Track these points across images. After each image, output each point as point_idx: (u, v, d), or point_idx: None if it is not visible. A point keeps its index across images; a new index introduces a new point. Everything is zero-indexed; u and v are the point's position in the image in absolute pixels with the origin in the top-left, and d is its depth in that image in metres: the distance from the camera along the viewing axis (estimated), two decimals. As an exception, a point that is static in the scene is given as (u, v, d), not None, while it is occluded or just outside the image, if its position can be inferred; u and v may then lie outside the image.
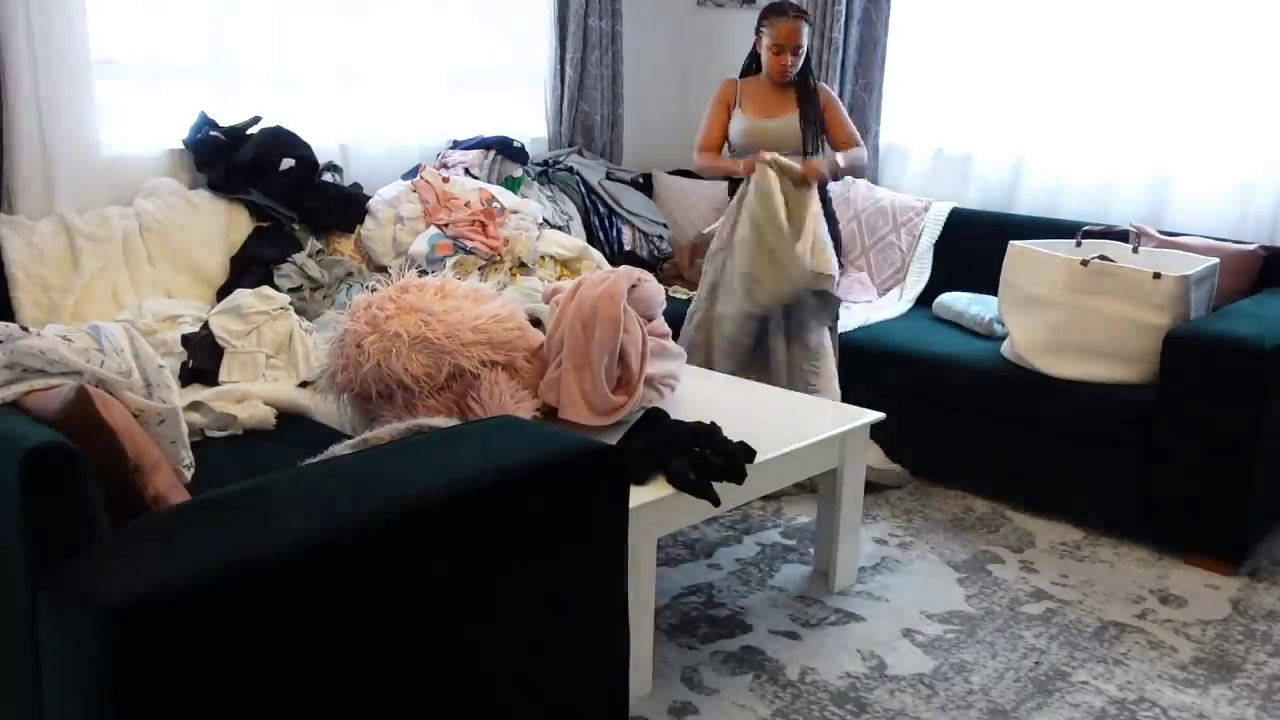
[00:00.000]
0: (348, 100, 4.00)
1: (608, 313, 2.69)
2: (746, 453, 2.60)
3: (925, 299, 4.18)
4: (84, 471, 1.45)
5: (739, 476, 2.53)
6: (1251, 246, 3.62)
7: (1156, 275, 3.20)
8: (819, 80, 3.93)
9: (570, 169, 4.43)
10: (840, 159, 3.74)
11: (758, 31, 3.75)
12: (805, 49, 3.70)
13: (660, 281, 4.39)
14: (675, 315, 4.00)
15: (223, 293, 3.34)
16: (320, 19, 3.89)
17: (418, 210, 3.80)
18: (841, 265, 3.83)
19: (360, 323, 2.58)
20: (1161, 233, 3.77)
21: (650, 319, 2.90)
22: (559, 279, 3.74)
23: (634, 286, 2.82)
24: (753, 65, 3.86)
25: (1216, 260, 3.40)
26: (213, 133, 3.58)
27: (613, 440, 2.55)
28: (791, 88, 3.77)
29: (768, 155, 3.48)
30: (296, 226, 3.61)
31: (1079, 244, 3.56)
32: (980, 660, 2.65)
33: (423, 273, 3.38)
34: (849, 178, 4.37)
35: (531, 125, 4.61)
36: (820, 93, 3.80)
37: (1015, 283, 3.47)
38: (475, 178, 4.07)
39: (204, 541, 1.43)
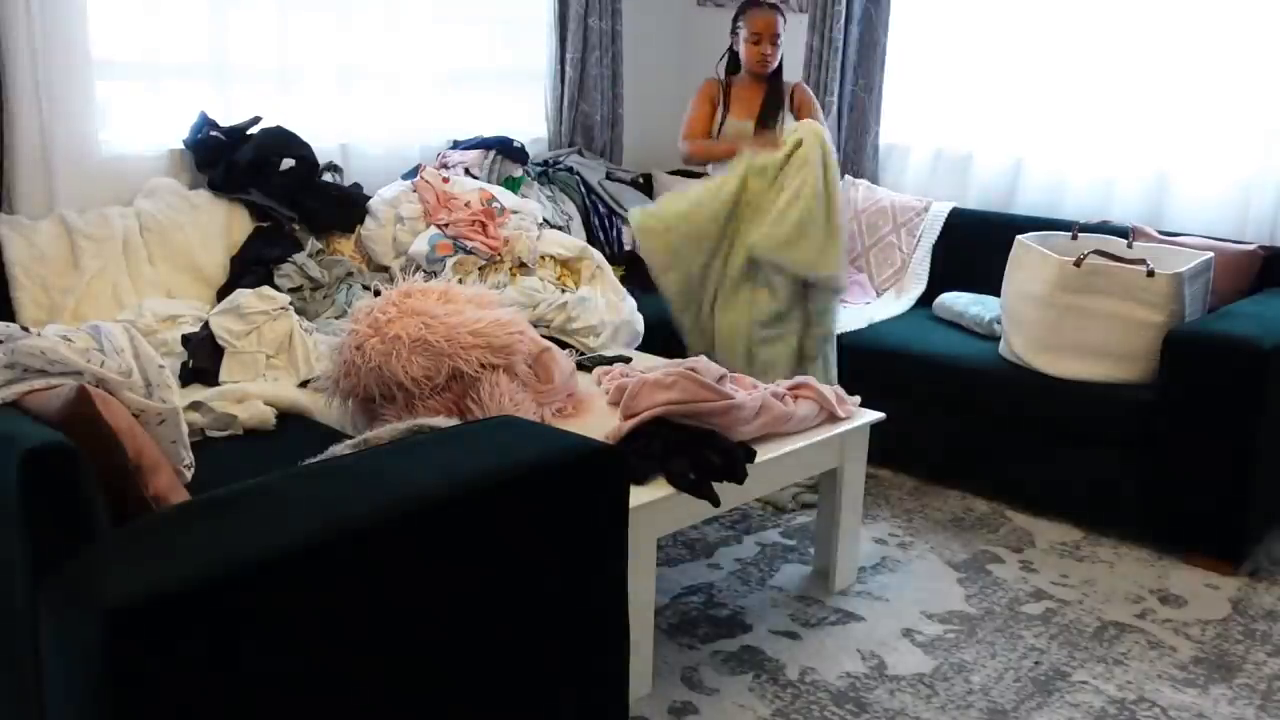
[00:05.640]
0: (348, 100, 4.00)
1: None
2: (746, 453, 2.60)
3: (925, 299, 4.18)
4: (84, 471, 1.45)
5: (739, 476, 2.53)
6: (1251, 246, 3.62)
7: (1150, 273, 3.19)
8: (801, 80, 3.89)
9: (570, 169, 4.44)
10: None
11: (734, 30, 3.75)
12: (782, 40, 3.70)
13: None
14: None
15: (223, 293, 3.34)
16: (320, 19, 3.89)
17: (418, 210, 3.80)
18: None
19: (363, 325, 2.59)
20: (1161, 233, 3.77)
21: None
22: (559, 279, 3.74)
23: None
24: (731, 66, 3.82)
25: (1210, 255, 3.40)
26: (213, 133, 3.58)
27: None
28: (765, 84, 3.75)
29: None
30: (296, 226, 3.61)
31: (1074, 238, 3.58)
32: (980, 660, 2.65)
33: (426, 274, 3.39)
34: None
35: (531, 125, 4.61)
36: (796, 92, 3.79)
37: (1016, 279, 3.47)
38: (475, 178, 4.07)
39: (204, 541, 1.43)
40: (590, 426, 2.57)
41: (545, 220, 4.05)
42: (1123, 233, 3.63)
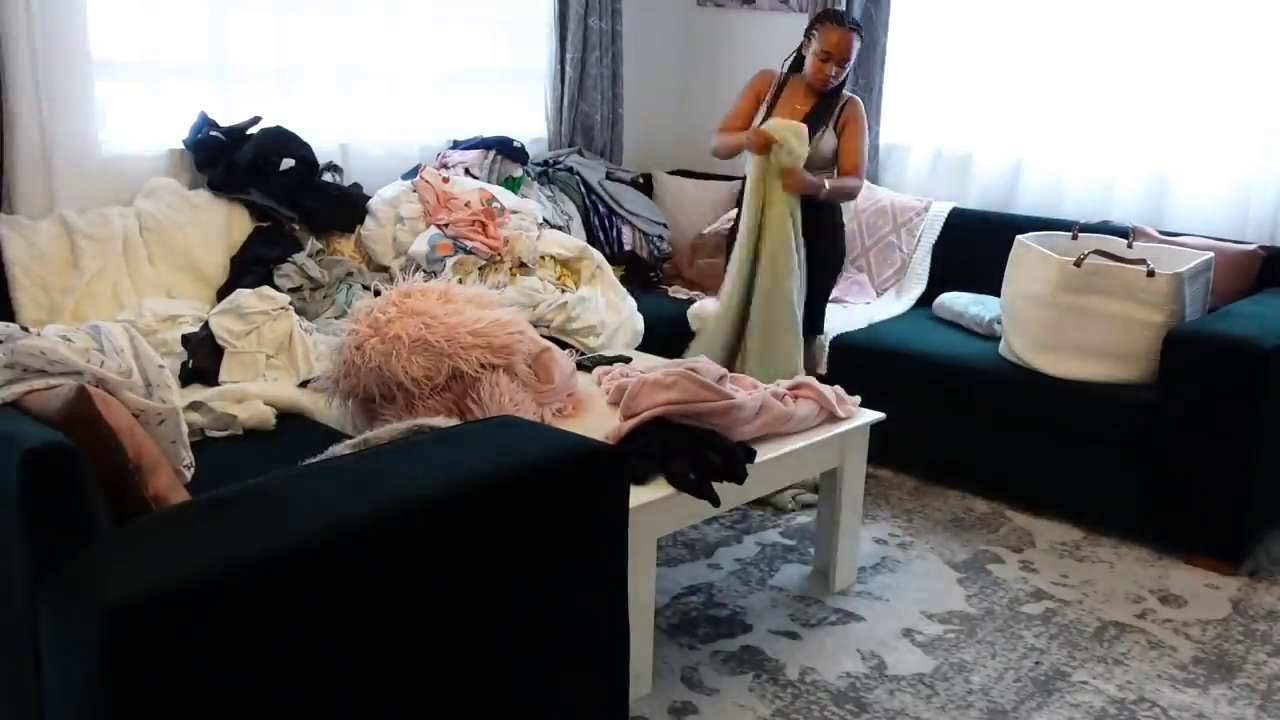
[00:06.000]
0: (348, 100, 4.00)
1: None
2: (746, 453, 2.60)
3: (925, 299, 4.18)
4: (84, 471, 1.45)
5: (739, 477, 2.53)
6: (1251, 246, 3.62)
7: (1150, 273, 3.20)
8: (853, 94, 3.73)
9: (570, 169, 4.43)
10: (829, 182, 3.52)
11: (808, 35, 3.57)
12: (852, 62, 3.56)
13: (660, 282, 4.41)
14: (677, 314, 4.02)
15: (223, 293, 3.34)
16: (320, 19, 3.89)
17: (418, 210, 3.80)
18: (842, 270, 3.84)
19: (363, 325, 2.59)
20: (1161, 233, 3.77)
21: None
22: (559, 279, 3.74)
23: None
24: (794, 65, 3.67)
25: (1210, 255, 3.40)
26: (213, 133, 3.58)
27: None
28: (818, 96, 3.61)
29: (775, 124, 3.45)
30: (296, 226, 3.61)
31: (1074, 238, 3.58)
32: (980, 660, 2.65)
33: (426, 274, 3.38)
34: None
35: (531, 125, 4.61)
36: (847, 108, 3.61)
37: (1016, 279, 3.47)
38: (475, 178, 4.07)
39: (204, 541, 1.43)
40: (590, 426, 2.57)
41: (545, 220, 4.05)
42: (1123, 233, 3.63)
